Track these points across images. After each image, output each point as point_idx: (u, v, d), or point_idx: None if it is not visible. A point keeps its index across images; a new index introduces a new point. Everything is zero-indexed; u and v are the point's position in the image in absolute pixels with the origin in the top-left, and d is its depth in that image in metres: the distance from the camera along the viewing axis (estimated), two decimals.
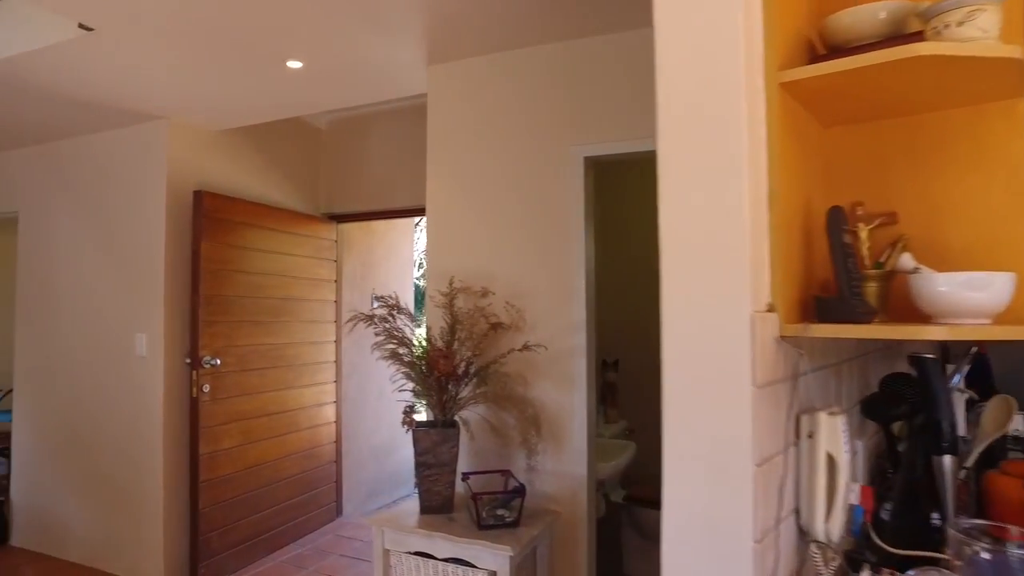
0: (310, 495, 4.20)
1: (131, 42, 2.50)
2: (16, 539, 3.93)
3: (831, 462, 1.03)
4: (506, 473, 2.40)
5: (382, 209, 4.37)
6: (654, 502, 3.42)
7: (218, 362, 3.41)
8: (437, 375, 2.18)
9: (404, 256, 5.41)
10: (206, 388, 3.38)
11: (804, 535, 1.09)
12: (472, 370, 2.28)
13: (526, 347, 2.33)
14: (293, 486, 4.04)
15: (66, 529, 3.71)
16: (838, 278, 1.02)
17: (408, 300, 5.48)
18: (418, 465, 2.25)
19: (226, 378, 3.51)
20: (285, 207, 4.10)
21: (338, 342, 4.50)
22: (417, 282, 7.13)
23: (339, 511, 4.51)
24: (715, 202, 0.98)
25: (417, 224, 6.67)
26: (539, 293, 2.49)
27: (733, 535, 0.94)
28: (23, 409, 3.96)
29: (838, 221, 1.04)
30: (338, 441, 4.49)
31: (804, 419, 1.08)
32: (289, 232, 4.03)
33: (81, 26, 2.34)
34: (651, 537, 3.40)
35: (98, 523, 3.58)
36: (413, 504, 2.43)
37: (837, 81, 1.04)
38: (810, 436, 1.06)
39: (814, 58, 1.17)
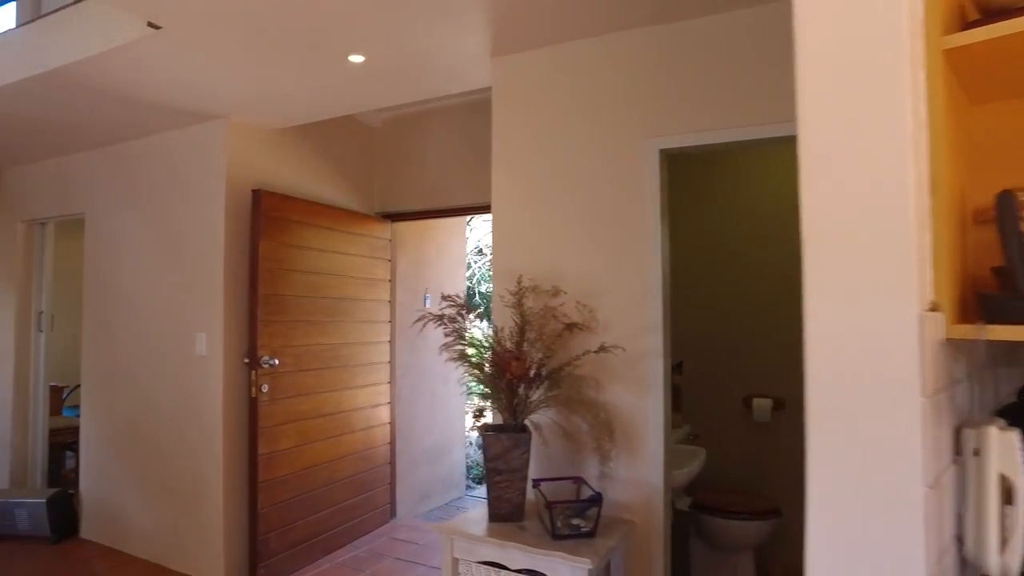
0: (365, 497, 4.16)
1: (196, 40, 2.48)
2: (85, 531, 3.99)
3: (1005, 484, 0.89)
4: (578, 480, 2.30)
5: (436, 208, 4.31)
6: (722, 510, 3.30)
7: (276, 362, 3.39)
8: (508, 378, 2.09)
9: (455, 255, 5.35)
10: (264, 388, 3.36)
11: (968, 568, 0.96)
12: (544, 372, 2.18)
13: (603, 348, 2.22)
14: (348, 488, 4.00)
15: (131, 524, 3.75)
16: (1015, 272, 0.89)
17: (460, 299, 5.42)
18: (488, 471, 2.17)
19: (283, 378, 3.49)
20: (340, 206, 4.07)
21: (392, 342, 4.46)
22: (467, 282, 7.08)
23: (393, 513, 4.46)
24: (874, 188, 0.85)
25: (468, 223, 6.60)
26: (612, 292, 2.38)
27: (899, 571, 0.82)
28: (90, 406, 4.02)
29: (1011, 207, 0.90)
30: (392, 442, 4.45)
31: (967, 433, 0.95)
32: (345, 231, 4.00)
33: (150, 24, 2.33)
34: (719, 547, 3.25)
35: (161, 520, 3.60)
36: (479, 511, 2.35)
37: (1010, 45, 0.91)
38: (976, 453, 0.92)
39: (966, 24, 1.03)
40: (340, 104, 3.36)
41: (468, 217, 5.64)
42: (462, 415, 5.46)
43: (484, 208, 4.20)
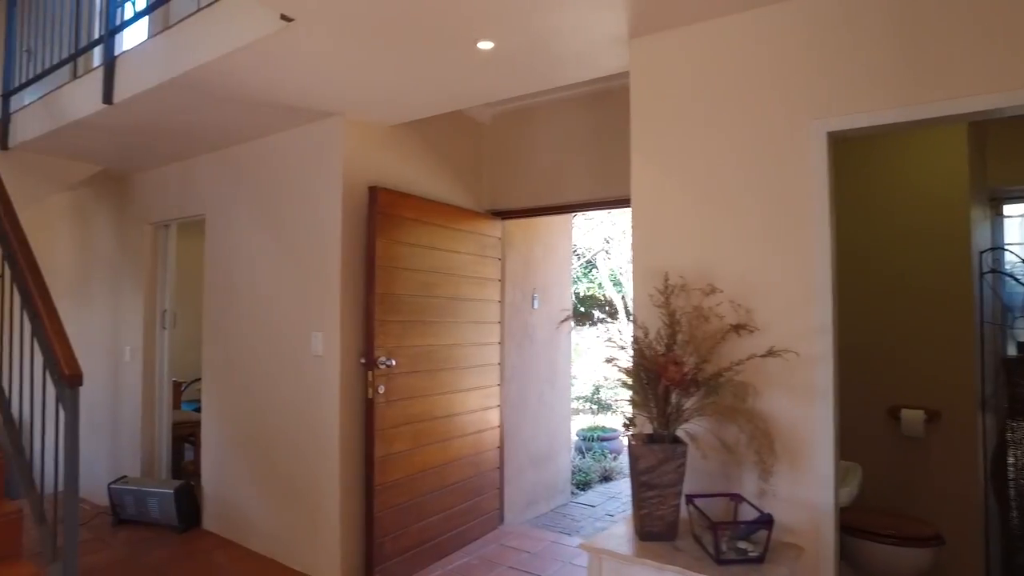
0: (474, 502, 4.06)
1: (323, 33, 2.43)
2: (207, 523, 4.10)
3: None
4: (736, 498, 2.07)
5: (548, 205, 4.17)
6: (873, 533, 2.96)
7: (393, 363, 3.34)
8: (664, 384, 1.90)
9: (560, 255, 5.19)
10: (381, 389, 3.31)
11: None
12: (700, 378, 1.97)
13: (772, 352, 1.99)
14: (458, 493, 3.91)
15: (249, 519, 3.80)
16: None
17: (566, 300, 5.25)
18: (639, 485, 1.98)
19: (398, 379, 3.43)
20: (451, 203, 3.99)
21: (502, 344, 4.35)
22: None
23: (501, 519, 4.34)
24: None
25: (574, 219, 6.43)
26: (772, 291, 2.14)
27: None
28: (210, 402, 4.12)
29: None
30: (501, 447, 4.33)
31: None
32: (456, 229, 3.92)
33: (283, 17, 2.29)
34: (871, 573, 2.92)
35: (278, 517, 3.62)
36: (621, 527, 2.16)
37: None
38: None
39: None
40: (463, 96, 3.27)
41: (572, 216, 5.46)
42: (568, 418, 5.28)
43: (597, 204, 4.02)
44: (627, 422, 2.00)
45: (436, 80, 2.96)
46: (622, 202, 3.71)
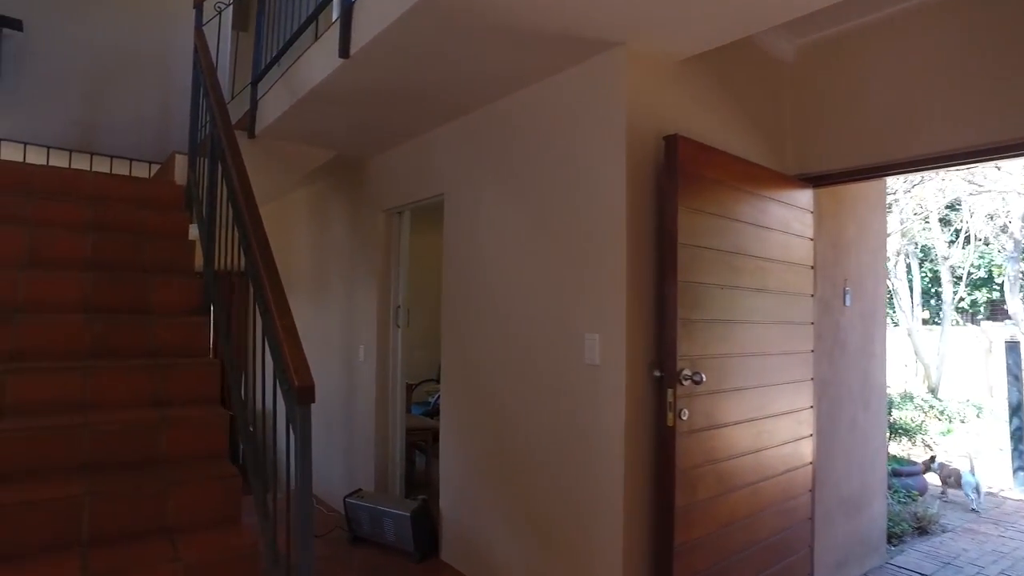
0: (783, 565, 2.99)
1: None
2: (445, 553, 3.52)
3: None
4: None
5: (886, 162, 2.97)
6: None
7: (703, 377, 2.41)
8: None
9: (874, 235, 3.91)
10: (684, 414, 2.40)
11: None
12: None
13: None
14: (768, 553, 2.88)
15: (496, 559, 3.11)
16: None
17: (880, 295, 3.96)
18: None
19: (702, 401, 2.50)
20: (755, 162, 2.97)
21: (816, 353, 3.23)
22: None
23: None
24: None
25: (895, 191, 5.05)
26: None
27: None
28: (449, 414, 3.54)
29: None
30: (813, 490, 3.21)
31: None
32: (764, 196, 2.90)
33: None
34: None
35: (534, 565, 2.88)
36: None
37: None
38: None
39: None
40: (779, 7, 2.25)
41: (921, 175, 4.14)
42: (883, 450, 3.98)
43: (980, 153, 2.74)
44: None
45: None
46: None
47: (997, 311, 13.46)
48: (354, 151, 4.26)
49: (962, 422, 8.79)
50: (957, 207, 9.80)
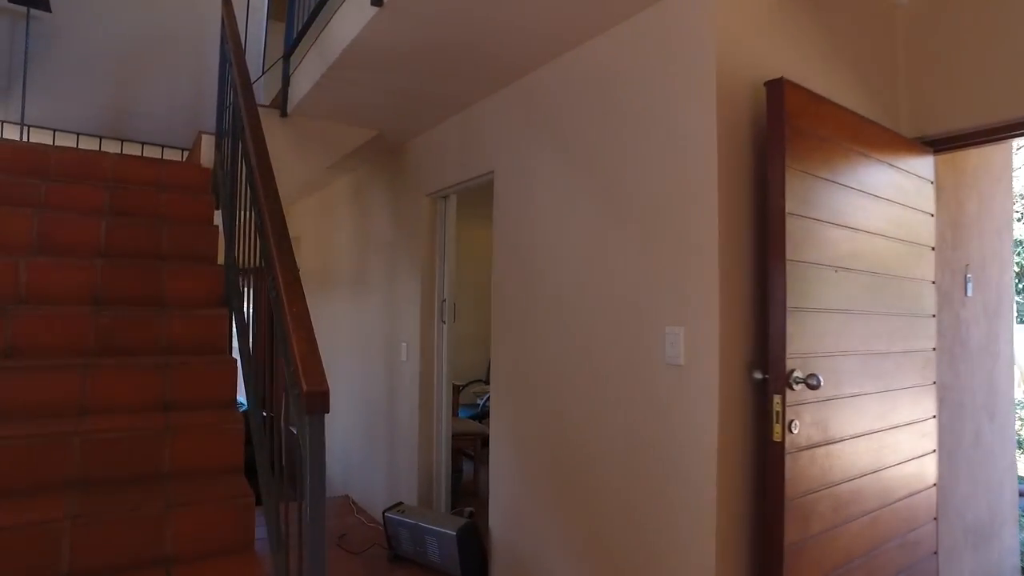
0: None
1: None
2: (495, 574, 3.11)
3: None
4: None
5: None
6: None
7: (821, 380, 1.91)
8: None
9: (1000, 213, 3.31)
10: (795, 427, 1.91)
11: None
12: None
13: None
14: None
15: None
16: None
17: (1007, 283, 3.36)
18: None
19: (814, 409, 2.01)
20: (869, 120, 2.45)
21: (936, 350, 2.69)
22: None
23: None
24: None
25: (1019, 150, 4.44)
26: None
27: None
28: (500, 421, 3.12)
29: None
30: (938, 518, 2.66)
31: None
32: (883, 163, 2.38)
33: None
34: None
35: None
36: None
37: None
38: None
39: None
40: None
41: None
42: (1013, 468, 3.38)
43: None
44: None
45: None
46: None
47: None
48: (394, 131, 3.89)
49: None
50: None
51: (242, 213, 2.55)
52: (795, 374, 1.89)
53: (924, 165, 2.62)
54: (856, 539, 2.19)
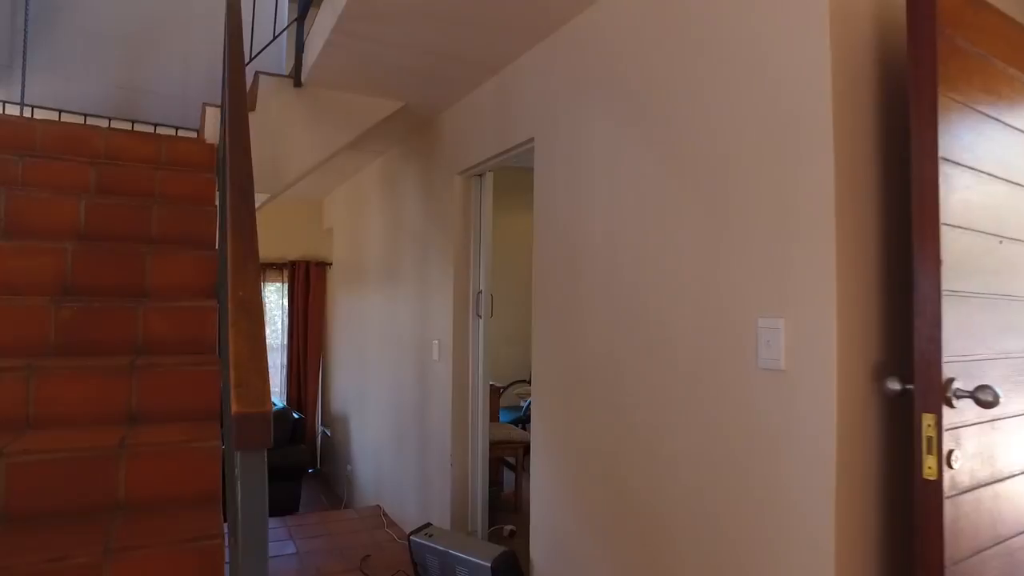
0: None
1: None
2: None
3: None
4: None
5: None
6: None
7: (998, 394, 1.35)
8: None
9: None
10: (956, 460, 1.36)
11: None
12: None
13: None
14: None
15: None
16: None
17: None
18: None
19: (976, 434, 1.45)
20: None
21: None
22: None
23: None
24: None
25: None
26: None
27: None
28: (541, 430, 2.63)
29: None
30: None
31: None
32: None
33: None
34: None
35: None
36: None
37: None
38: None
39: None
40: None
41: None
42: None
43: None
44: None
45: None
46: None
47: None
48: (422, 103, 3.44)
49: None
50: None
51: None
52: (955, 385, 1.34)
53: None
54: None
